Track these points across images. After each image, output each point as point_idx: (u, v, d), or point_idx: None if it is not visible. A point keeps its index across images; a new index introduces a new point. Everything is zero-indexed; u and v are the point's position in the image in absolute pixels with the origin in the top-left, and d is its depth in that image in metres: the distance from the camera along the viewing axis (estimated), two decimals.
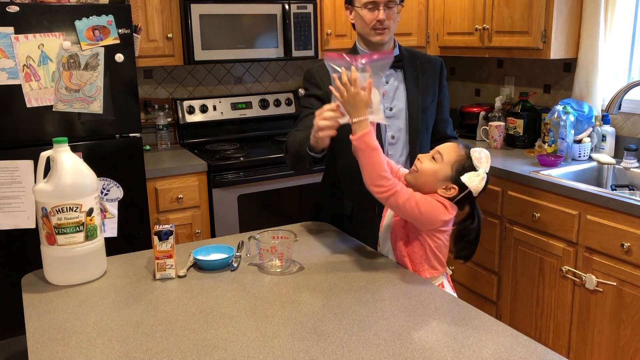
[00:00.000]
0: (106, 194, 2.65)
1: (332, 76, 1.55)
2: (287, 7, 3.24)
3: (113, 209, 2.67)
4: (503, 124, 3.22)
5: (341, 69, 1.53)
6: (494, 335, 1.29)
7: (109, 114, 2.61)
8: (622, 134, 2.90)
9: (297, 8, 3.27)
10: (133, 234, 2.71)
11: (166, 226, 1.60)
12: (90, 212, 1.56)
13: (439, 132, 2.10)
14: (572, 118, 2.80)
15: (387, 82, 1.98)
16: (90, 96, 2.55)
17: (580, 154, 2.85)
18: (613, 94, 2.59)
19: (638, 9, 2.86)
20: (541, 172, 2.64)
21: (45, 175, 1.55)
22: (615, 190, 2.63)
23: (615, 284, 2.27)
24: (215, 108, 3.54)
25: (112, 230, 2.67)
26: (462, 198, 1.60)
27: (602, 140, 2.88)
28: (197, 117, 3.48)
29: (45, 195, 1.52)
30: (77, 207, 1.53)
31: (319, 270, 1.64)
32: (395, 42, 2.03)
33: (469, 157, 1.60)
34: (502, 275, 2.85)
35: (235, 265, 1.69)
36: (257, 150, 3.28)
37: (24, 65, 2.41)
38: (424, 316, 1.37)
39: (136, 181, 2.74)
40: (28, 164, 2.45)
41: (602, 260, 2.31)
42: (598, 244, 2.32)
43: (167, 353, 1.23)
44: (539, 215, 2.56)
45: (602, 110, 2.94)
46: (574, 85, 2.99)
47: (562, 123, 2.80)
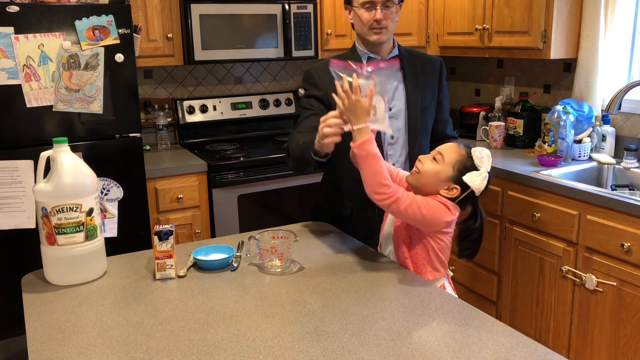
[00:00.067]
0: (106, 194, 2.65)
1: (336, 83, 1.54)
2: (287, 7, 3.24)
3: (113, 209, 2.67)
4: (503, 124, 3.22)
5: (343, 76, 1.51)
6: (494, 335, 1.29)
7: (109, 114, 2.61)
8: (622, 134, 2.90)
9: (297, 8, 3.27)
10: (133, 234, 2.71)
11: (166, 226, 1.60)
12: (90, 212, 1.56)
13: (438, 132, 2.10)
14: (572, 118, 2.80)
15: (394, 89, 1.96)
16: (90, 96, 2.55)
17: (580, 154, 2.85)
18: (613, 94, 2.59)
19: (638, 9, 2.86)
20: (541, 172, 2.64)
21: (45, 175, 1.56)
22: (615, 190, 2.63)
23: (615, 284, 2.27)
24: (215, 108, 3.54)
25: (112, 230, 2.67)
26: (464, 198, 1.59)
27: (602, 140, 2.88)
28: (197, 117, 3.48)
29: (45, 195, 1.52)
30: (77, 207, 1.53)
31: (319, 270, 1.64)
32: (395, 42, 2.03)
33: (470, 157, 1.59)
34: (502, 275, 2.85)
35: (235, 265, 1.69)
36: (257, 150, 3.28)
37: (24, 65, 2.41)
38: (424, 316, 1.37)
39: (136, 181, 2.74)
40: (28, 164, 2.45)
41: (602, 260, 2.31)
42: (598, 244, 2.32)
43: (167, 353, 1.23)
44: (539, 215, 2.56)
45: (602, 110, 2.93)
46: (574, 85, 2.99)
47: (562, 123, 2.80)
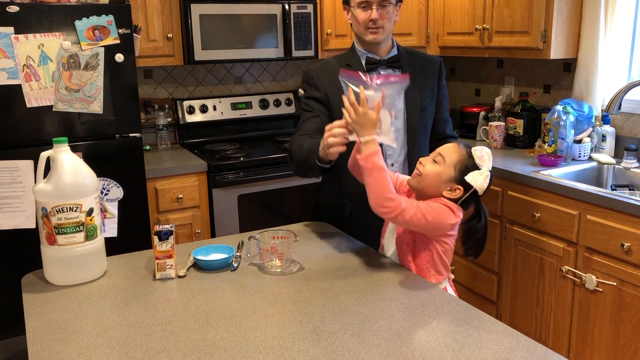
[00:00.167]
0: (106, 194, 2.65)
1: (343, 97, 1.52)
2: (287, 7, 3.24)
3: (113, 209, 2.67)
4: (503, 124, 3.22)
5: (349, 88, 1.50)
6: (494, 335, 1.29)
7: (109, 114, 2.61)
8: (622, 134, 2.90)
9: (297, 8, 3.27)
10: (133, 234, 2.71)
11: (166, 226, 1.60)
12: (90, 212, 1.56)
13: (438, 132, 2.10)
14: (572, 118, 2.80)
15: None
16: (90, 96, 2.55)
17: (580, 154, 2.85)
18: (613, 94, 2.59)
19: (638, 9, 2.86)
20: (541, 172, 2.63)
21: (45, 175, 1.55)
22: (615, 190, 2.63)
23: (615, 284, 2.27)
24: (215, 108, 3.54)
25: (112, 230, 2.67)
26: (467, 198, 1.59)
27: (602, 140, 2.88)
28: (197, 117, 3.48)
29: (45, 195, 1.52)
30: (77, 207, 1.53)
31: (319, 270, 1.64)
32: (394, 42, 2.03)
33: (471, 157, 1.59)
34: (502, 275, 2.85)
35: (235, 265, 1.69)
36: (257, 150, 3.28)
37: (24, 65, 2.41)
38: (424, 316, 1.37)
39: (136, 181, 2.74)
40: (28, 164, 2.45)
41: (602, 260, 2.31)
42: (598, 244, 2.32)
43: (167, 353, 1.23)
44: (539, 215, 2.56)
45: (602, 110, 2.93)
46: (574, 85, 2.99)
47: (562, 123, 2.80)
